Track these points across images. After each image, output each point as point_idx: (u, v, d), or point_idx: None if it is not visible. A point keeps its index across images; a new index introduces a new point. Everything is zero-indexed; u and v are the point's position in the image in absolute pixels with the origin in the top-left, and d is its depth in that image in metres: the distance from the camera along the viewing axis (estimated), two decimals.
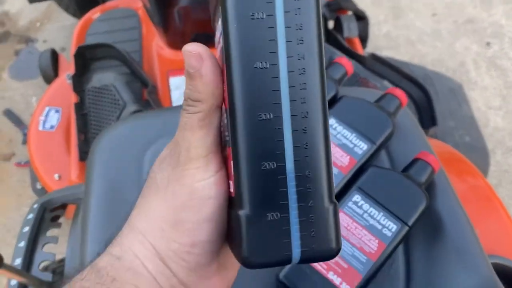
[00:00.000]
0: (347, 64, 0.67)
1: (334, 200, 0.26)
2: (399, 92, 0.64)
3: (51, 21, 1.94)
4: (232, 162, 0.26)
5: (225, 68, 0.25)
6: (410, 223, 0.54)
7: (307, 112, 0.25)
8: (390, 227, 0.53)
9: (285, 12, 0.24)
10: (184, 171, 0.27)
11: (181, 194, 0.27)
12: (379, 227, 0.54)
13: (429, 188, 0.60)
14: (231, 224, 0.27)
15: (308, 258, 0.26)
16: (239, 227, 0.25)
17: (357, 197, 0.55)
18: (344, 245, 0.53)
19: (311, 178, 0.25)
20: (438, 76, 1.53)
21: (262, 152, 0.25)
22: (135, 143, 0.66)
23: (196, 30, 1.16)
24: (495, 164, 1.56)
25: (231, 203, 0.28)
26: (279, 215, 0.25)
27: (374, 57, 1.26)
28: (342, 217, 0.54)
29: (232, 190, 0.27)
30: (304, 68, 0.25)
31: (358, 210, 0.55)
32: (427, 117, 1.21)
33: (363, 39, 1.38)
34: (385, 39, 1.90)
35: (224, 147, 0.29)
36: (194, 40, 1.17)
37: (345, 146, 0.58)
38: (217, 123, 0.28)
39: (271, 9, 0.24)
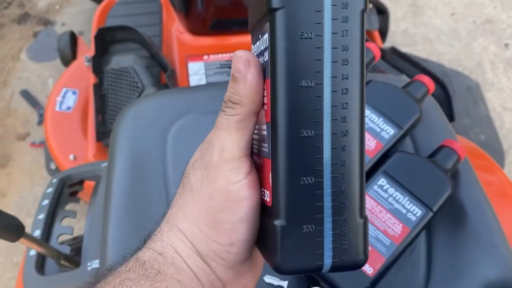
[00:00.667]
0: (375, 49, 0.66)
1: (365, 214, 0.27)
2: (426, 79, 0.63)
3: (70, 4, 1.95)
4: (271, 174, 0.27)
5: (269, 83, 0.26)
6: (434, 209, 0.53)
7: (347, 131, 0.26)
8: (415, 211, 0.53)
9: (332, 33, 0.25)
10: (218, 173, 0.28)
11: (216, 196, 0.28)
12: (404, 211, 0.53)
13: (454, 176, 0.60)
14: (265, 231, 0.29)
15: (337, 268, 0.27)
16: (274, 236, 0.27)
17: (382, 181, 0.55)
18: (369, 228, 0.53)
19: (346, 194, 0.26)
20: (456, 74, 1.53)
21: (301, 167, 0.26)
22: (159, 119, 0.66)
23: (216, 16, 1.15)
24: (509, 165, 1.55)
25: (264, 210, 0.29)
26: (314, 227, 0.26)
27: (394, 51, 1.25)
28: (367, 200, 0.54)
29: (268, 199, 0.28)
30: (347, 89, 0.26)
31: (383, 193, 0.55)
32: (445, 112, 1.20)
33: (383, 33, 1.38)
34: (403, 36, 1.89)
35: (259, 155, 0.30)
36: (214, 26, 1.18)
37: (372, 130, 0.58)
38: (252, 128, 0.29)
39: (320, 30, 0.25)
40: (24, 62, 1.79)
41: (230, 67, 1.22)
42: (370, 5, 1.36)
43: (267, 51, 0.27)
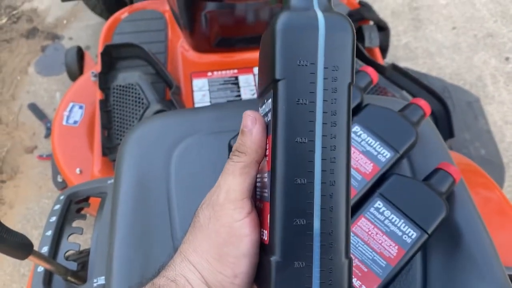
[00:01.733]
0: (372, 73, 0.69)
1: (350, 256, 0.31)
2: (423, 103, 0.65)
3: (77, 19, 1.98)
4: (269, 215, 0.31)
5: (271, 138, 0.31)
6: (429, 231, 0.55)
7: (334, 181, 0.30)
8: (410, 234, 0.55)
9: (324, 100, 0.30)
10: (223, 211, 0.32)
11: (222, 232, 0.32)
12: (399, 233, 0.55)
13: (449, 198, 0.62)
14: (262, 267, 0.32)
15: None
16: (270, 270, 0.30)
17: (379, 204, 0.57)
18: (365, 250, 0.55)
19: (333, 236, 0.30)
20: (456, 88, 1.54)
21: (295, 210, 0.30)
22: (164, 140, 0.68)
23: (221, 34, 1.18)
24: (509, 179, 1.56)
25: (263, 248, 0.33)
26: (304, 264, 0.30)
27: (394, 67, 1.27)
28: (363, 222, 0.56)
29: (266, 238, 0.32)
30: (335, 146, 0.30)
31: (379, 216, 0.56)
32: (444, 129, 1.22)
33: (384, 49, 1.40)
34: (404, 50, 1.91)
35: (260, 200, 0.34)
36: (219, 43, 1.20)
37: (369, 153, 0.60)
38: (254, 175, 0.33)
39: (313, 97, 0.30)
40: (32, 76, 1.82)
41: (233, 83, 1.24)
42: (371, 22, 1.38)
43: (270, 113, 0.32)
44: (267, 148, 0.33)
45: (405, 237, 0.55)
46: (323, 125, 0.30)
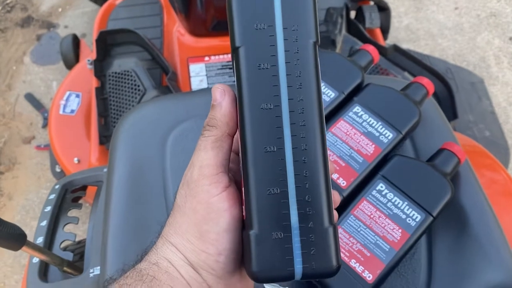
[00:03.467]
0: (373, 51, 0.66)
1: (334, 222, 0.30)
2: (426, 81, 0.63)
3: (73, 7, 1.95)
4: (243, 188, 0.30)
5: (238, 110, 0.30)
6: (434, 214, 0.53)
7: (306, 144, 0.29)
8: (414, 216, 0.53)
9: (286, 62, 0.29)
10: (199, 187, 0.31)
11: (199, 209, 0.31)
12: (403, 216, 0.53)
13: (454, 179, 0.59)
14: (244, 245, 0.31)
15: (309, 275, 0.29)
16: (249, 245, 0.29)
17: (381, 186, 0.55)
18: (368, 234, 0.53)
19: (310, 202, 0.29)
20: (459, 69, 1.51)
21: (267, 179, 0.29)
22: (159, 126, 0.66)
23: (217, 18, 1.15)
24: None
25: (244, 227, 0.31)
26: (282, 234, 0.29)
27: (396, 48, 1.24)
28: (365, 205, 0.54)
29: (244, 213, 0.31)
30: (303, 108, 0.29)
31: (382, 199, 0.54)
32: (447, 110, 1.20)
33: (385, 30, 1.37)
34: (406, 32, 1.88)
35: (241, 178, 0.33)
36: (215, 27, 1.18)
37: (371, 134, 0.58)
38: (227, 148, 0.32)
39: (274, 60, 0.29)
40: (28, 66, 1.80)
41: (231, 68, 1.22)
42: (371, 3, 1.35)
43: (235, 82, 0.31)
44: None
45: (409, 220, 0.53)
46: (288, 88, 0.29)
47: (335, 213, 0.31)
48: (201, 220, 0.31)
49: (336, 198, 0.34)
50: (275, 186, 0.29)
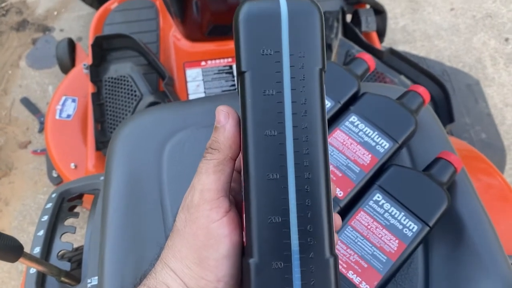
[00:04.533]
0: (369, 60, 0.66)
1: (335, 253, 0.29)
2: (422, 90, 0.63)
3: (68, 10, 1.94)
4: (244, 214, 0.30)
5: (241, 135, 0.30)
6: (431, 224, 0.53)
7: (309, 173, 0.29)
8: (411, 227, 0.53)
9: (292, 89, 0.29)
10: (199, 212, 0.31)
11: (199, 235, 0.30)
12: (400, 227, 0.53)
13: (451, 188, 0.60)
14: (243, 272, 0.30)
15: None
16: (248, 274, 0.29)
17: (378, 196, 0.55)
18: (364, 245, 0.53)
19: (312, 232, 0.28)
20: (456, 71, 1.52)
21: (269, 207, 0.29)
22: (155, 135, 0.66)
23: (213, 22, 1.15)
24: (511, 161, 1.54)
25: (244, 252, 0.31)
26: (282, 264, 0.28)
27: (392, 52, 1.24)
28: (362, 216, 0.54)
29: (244, 240, 0.30)
30: (307, 136, 0.29)
31: (379, 209, 0.54)
32: (444, 113, 1.20)
33: (381, 33, 1.37)
34: (402, 33, 1.88)
35: (242, 201, 0.32)
36: (211, 31, 1.18)
37: (367, 144, 0.58)
38: (229, 172, 0.32)
39: (280, 87, 0.29)
40: (24, 70, 1.79)
41: (227, 73, 1.22)
42: (367, 6, 1.35)
43: (240, 108, 0.30)
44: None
45: (406, 231, 0.53)
46: (293, 116, 0.29)
47: (336, 237, 0.31)
48: (200, 246, 0.30)
49: (338, 223, 0.34)
50: (277, 214, 0.28)
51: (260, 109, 0.29)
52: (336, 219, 0.33)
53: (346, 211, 0.56)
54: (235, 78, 0.30)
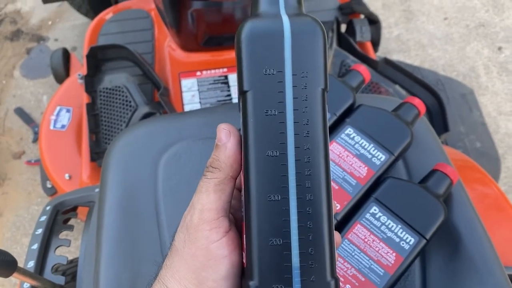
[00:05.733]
0: (364, 71, 0.66)
1: (336, 275, 0.29)
2: (417, 102, 0.63)
3: (63, 20, 1.94)
4: (244, 235, 0.29)
5: (243, 155, 0.30)
6: (428, 236, 0.53)
7: (311, 195, 0.28)
8: (408, 240, 0.53)
9: (294, 110, 0.29)
10: (198, 232, 0.30)
11: (198, 256, 0.30)
12: (397, 240, 0.53)
13: (447, 200, 0.60)
14: None
15: None
16: None
17: (374, 209, 0.55)
18: (361, 258, 0.53)
19: (313, 255, 0.28)
20: (450, 81, 1.53)
21: (270, 229, 0.28)
22: (151, 148, 0.66)
23: (209, 33, 1.15)
24: (505, 170, 1.55)
25: (243, 273, 0.31)
26: (283, 287, 0.28)
27: (387, 62, 1.25)
28: (359, 229, 0.54)
29: (244, 261, 0.30)
30: (309, 157, 0.28)
31: (375, 222, 0.54)
32: (439, 123, 1.20)
33: (375, 43, 1.37)
34: (396, 42, 1.89)
35: (241, 221, 0.32)
36: (207, 42, 1.18)
37: (363, 157, 0.58)
38: (229, 192, 0.31)
39: (282, 107, 0.29)
40: (18, 80, 1.78)
41: (223, 83, 1.22)
42: (362, 16, 1.36)
43: (241, 128, 0.30)
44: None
45: (403, 244, 0.53)
46: (295, 136, 0.28)
47: (336, 254, 0.31)
48: (199, 267, 0.30)
49: (338, 240, 0.34)
50: (278, 237, 0.28)
51: (262, 129, 0.29)
52: (336, 237, 0.33)
53: (342, 224, 0.55)
54: (236, 94, 0.29)
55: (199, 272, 0.30)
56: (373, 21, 1.35)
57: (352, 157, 0.58)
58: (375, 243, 0.53)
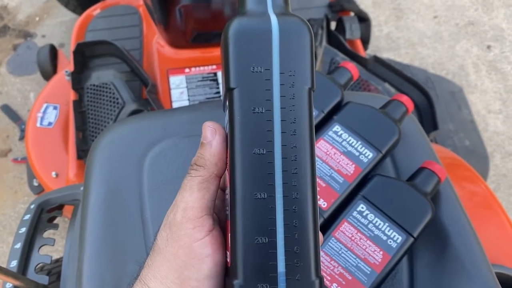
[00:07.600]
0: (352, 68, 0.66)
1: (320, 275, 0.29)
2: (405, 99, 0.63)
3: (50, 16, 1.91)
4: (229, 234, 0.29)
5: (229, 152, 0.29)
6: (415, 234, 0.53)
7: (297, 193, 0.28)
8: (395, 238, 0.53)
9: (281, 108, 0.29)
10: (181, 231, 0.30)
11: (181, 254, 0.29)
12: (384, 238, 0.53)
13: (435, 198, 0.59)
14: None
15: None
16: None
17: (362, 207, 0.55)
18: (348, 256, 0.52)
19: (299, 254, 0.28)
20: (439, 79, 1.53)
21: (256, 227, 0.28)
22: (136, 146, 0.65)
23: (197, 29, 1.14)
24: (493, 168, 1.56)
25: (227, 272, 0.30)
26: (268, 286, 0.28)
27: (376, 59, 1.25)
28: (346, 227, 0.54)
29: (229, 260, 0.30)
30: (296, 155, 0.28)
31: (363, 220, 0.54)
32: (428, 121, 1.20)
33: (365, 41, 1.37)
34: (386, 41, 1.89)
35: (225, 220, 0.32)
36: (195, 38, 1.17)
37: (351, 154, 0.57)
38: (214, 190, 0.31)
39: (270, 105, 0.29)
40: (4, 76, 1.75)
41: (212, 80, 1.21)
42: (352, 14, 1.36)
43: (227, 125, 0.30)
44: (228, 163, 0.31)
45: (390, 242, 0.53)
46: (282, 134, 0.28)
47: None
48: (182, 266, 0.29)
49: (320, 240, 0.33)
50: (264, 235, 0.28)
51: (249, 127, 0.28)
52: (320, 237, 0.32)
53: (329, 222, 0.55)
54: (221, 91, 0.29)
55: (181, 271, 0.29)
56: (363, 19, 1.34)
57: (339, 155, 0.57)
58: (362, 241, 0.53)
